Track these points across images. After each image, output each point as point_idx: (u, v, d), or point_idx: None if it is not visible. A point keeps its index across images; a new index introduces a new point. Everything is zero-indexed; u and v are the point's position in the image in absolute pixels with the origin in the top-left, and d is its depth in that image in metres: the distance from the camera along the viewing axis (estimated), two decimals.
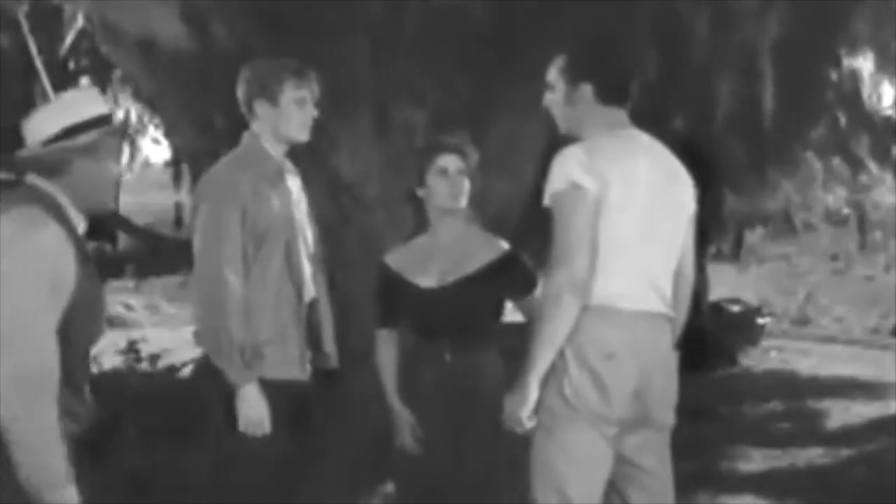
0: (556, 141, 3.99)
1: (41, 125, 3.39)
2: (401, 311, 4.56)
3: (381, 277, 4.59)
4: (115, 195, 3.62)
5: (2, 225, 3.24)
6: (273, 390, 4.15)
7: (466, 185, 4.53)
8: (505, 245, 4.58)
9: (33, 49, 10.30)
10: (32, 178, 3.38)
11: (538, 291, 4.46)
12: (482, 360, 4.49)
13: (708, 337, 11.49)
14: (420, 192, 4.57)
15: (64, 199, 3.35)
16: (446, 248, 4.54)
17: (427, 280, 4.51)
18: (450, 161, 4.52)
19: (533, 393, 3.73)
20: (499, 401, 4.33)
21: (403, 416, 4.52)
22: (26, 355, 3.14)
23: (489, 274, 4.49)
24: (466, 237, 4.57)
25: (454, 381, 4.42)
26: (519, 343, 4.58)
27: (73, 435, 3.28)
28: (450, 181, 4.51)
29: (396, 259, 4.60)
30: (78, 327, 3.28)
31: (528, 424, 3.77)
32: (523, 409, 3.74)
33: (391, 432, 4.56)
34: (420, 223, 4.62)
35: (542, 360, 3.71)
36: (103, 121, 3.44)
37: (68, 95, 3.60)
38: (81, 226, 3.40)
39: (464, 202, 4.54)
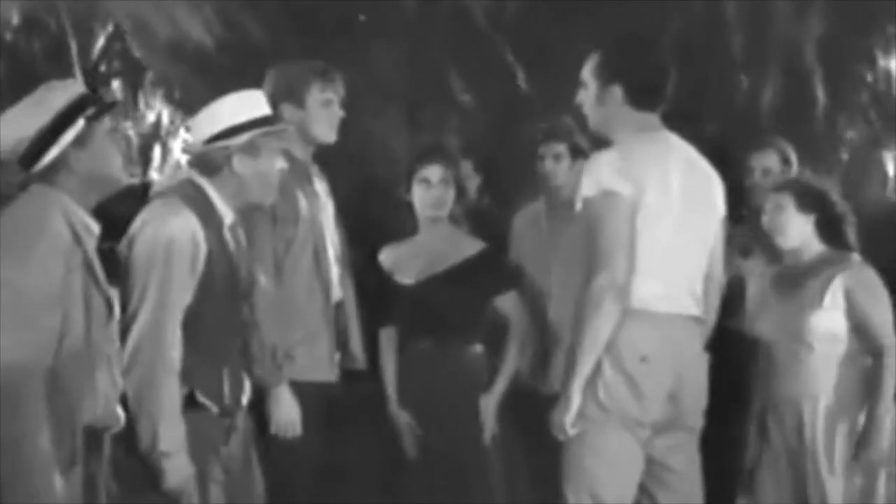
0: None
1: (204, 125, 3.63)
2: (390, 309, 4.67)
3: (374, 274, 4.70)
4: (275, 190, 3.80)
5: (147, 210, 3.54)
6: (303, 392, 4.15)
7: (450, 193, 4.64)
8: (481, 244, 4.67)
9: (73, 52, 10.37)
10: (192, 173, 3.63)
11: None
12: (464, 359, 4.59)
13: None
14: (408, 198, 4.68)
15: (214, 194, 3.58)
16: (428, 249, 4.66)
17: (406, 278, 4.64)
18: (432, 172, 4.63)
19: (577, 398, 3.69)
20: (477, 399, 4.54)
21: (401, 418, 4.61)
22: (145, 328, 3.39)
23: (462, 271, 4.61)
24: (447, 239, 4.67)
25: (436, 377, 4.54)
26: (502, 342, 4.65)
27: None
28: (431, 192, 4.64)
29: (388, 257, 4.73)
30: (213, 308, 3.52)
31: (572, 431, 3.72)
32: (567, 415, 3.70)
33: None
34: (412, 225, 4.72)
35: (584, 366, 3.68)
36: (262, 122, 3.66)
37: (230, 97, 3.71)
38: (229, 217, 3.62)
39: (446, 211, 4.65)
